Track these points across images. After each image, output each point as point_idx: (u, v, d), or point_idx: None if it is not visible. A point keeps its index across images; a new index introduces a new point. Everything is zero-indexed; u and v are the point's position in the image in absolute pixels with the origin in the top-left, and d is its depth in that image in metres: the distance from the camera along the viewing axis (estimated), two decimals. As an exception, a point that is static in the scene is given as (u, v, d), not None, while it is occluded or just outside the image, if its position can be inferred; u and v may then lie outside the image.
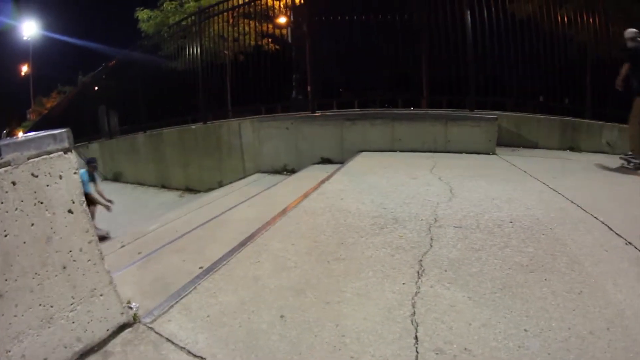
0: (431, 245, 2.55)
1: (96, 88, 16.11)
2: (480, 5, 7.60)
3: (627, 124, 5.77)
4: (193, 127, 9.61)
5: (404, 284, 2.07)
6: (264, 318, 1.83)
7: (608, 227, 2.86)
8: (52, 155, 1.48)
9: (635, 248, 2.52)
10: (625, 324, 1.75)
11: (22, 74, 47.73)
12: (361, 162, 5.69)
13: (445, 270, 2.21)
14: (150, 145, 11.00)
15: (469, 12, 7.53)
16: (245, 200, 4.73)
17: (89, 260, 1.61)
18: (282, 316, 1.84)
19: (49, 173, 1.46)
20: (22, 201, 1.40)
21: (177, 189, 9.48)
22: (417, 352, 1.53)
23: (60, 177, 1.50)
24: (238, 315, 1.87)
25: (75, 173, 1.55)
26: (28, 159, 1.40)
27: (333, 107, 9.48)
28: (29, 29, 45.54)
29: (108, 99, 14.39)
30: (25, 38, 46.04)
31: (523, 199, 3.60)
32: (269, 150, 7.19)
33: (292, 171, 6.69)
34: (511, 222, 3.01)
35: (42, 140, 1.45)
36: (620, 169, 5.21)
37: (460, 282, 2.09)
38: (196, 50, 10.14)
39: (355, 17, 8.82)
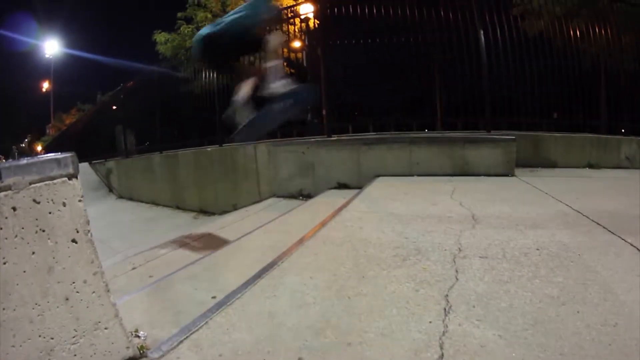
0: (457, 279, 2.42)
1: (114, 107, 16.68)
2: (493, 24, 7.62)
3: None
4: (209, 149, 9.65)
5: (430, 322, 1.93)
6: (280, 360, 1.71)
7: (638, 249, 2.75)
8: (55, 181, 1.40)
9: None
10: (665, 357, 1.61)
11: (43, 90, 49.21)
12: (379, 188, 5.59)
13: (474, 306, 2.07)
14: (165, 166, 11.11)
15: (482, 32, 7.54)
16: (261, 227, 4.63)
17: (94, 292, 1.51)
18: (300, 358, 1.71)
19: (52, 200, 1.38)
20: (22, 228, 1.31)
21: (192, 210, 9.49)
22: (448, 401, 1.39)
23: (64, 205, 1.42)
24: (252, 356, 1.74)
25: (80, 200, 1.46)
26: (30, 183, 1.32)
27: (348, 131, 9.49)
28: (51, 47, 47.07)
29: (125, 118, 14.81)
30: (47, 56, 47.51)
31: (548, 223, 3.48)
32: (284, 174, 7.15)
33: (308, 196, 6.61)
34: (538, 249, 2.88)
35: (44, 164, 1.37)
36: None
37: (489, 318, 1.96)
38: (212, 73, 10.24)
39: (369, 41, 8.90)
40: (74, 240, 1.43)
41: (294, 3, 15.33)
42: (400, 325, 1.93)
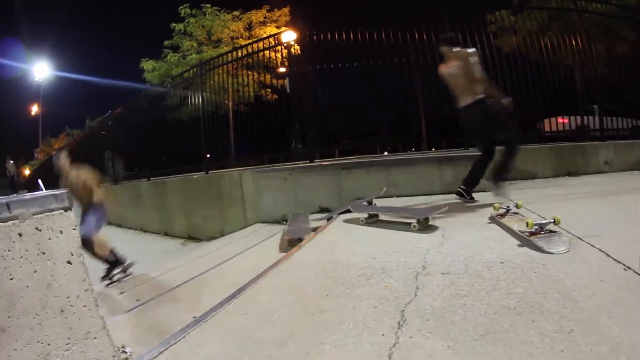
0: (416, 295, 2.58)
1: (102, 133, 16.74)
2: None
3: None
4: (195, 176, 9.78)
5: (383, 335, 2.11)
6: (247, 368, 1.92)
7: (605, 253, 2.85)
8: (53, 212, 1.65)
9: (635, 272, 2.48)
10: (619, 360, 1.70)
11: (32, 113, 48.89)
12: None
13: (427, 320, 2.23)
14: (153, 193, 11.19)
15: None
16: (243, 251, 4.88)
17: (85, 306, 1.74)
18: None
19: (51, 228, 1.63)
20: (26, 250, 1.56)
21: (180, 237, 9.55)
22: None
23: (61, 232, 1.67)
24: (222, 364, 1.96)
25: (74, 229, 1.71)
26: (33, 214, 1.57)
27: (334, 155, 9.66)
28: (41, 71, 46.92)
29: (114, 144, 14.89)
30: (36, 79, 47.34)
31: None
32: (268, 200, 7.30)
33: (292, 221, 6.75)
34: (502, 262, 2.99)
35: (45, 199, 1.63)
36: (614, 189, 5.36)
37: (441, 331, 2.11)
38: (198, 100, 10.53)
39: (347, 65, 9.16)
40: (69, 262, 1.68)
41: (277, 32, 15.73)
42: (354, 338, 2.12)
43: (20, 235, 1.53)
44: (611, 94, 8.68)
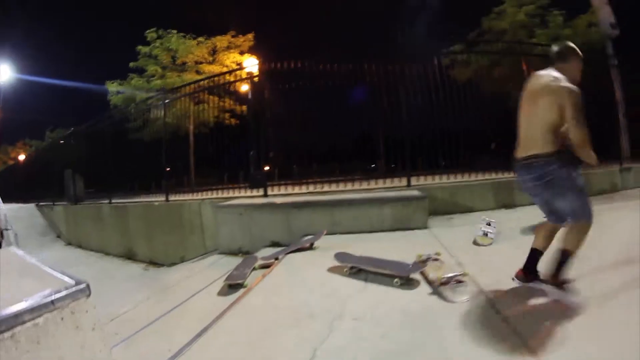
0: (328, 336, 3.31)
1: (64, 150, 16.82)
2: (413, 82, 9.06)
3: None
4: (156, 203, 10.34)
5: None
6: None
7: (493, 301, 3.55)
8: (80, 300, 2.49)
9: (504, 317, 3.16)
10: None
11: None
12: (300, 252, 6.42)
13: (332, 356, 3.01)
14: (115, 216, 11.57)
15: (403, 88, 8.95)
16: (204, 288, 5.60)
17: (101, 351, 2.60)
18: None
19: (80, 310, 2.48)
20: (67, 327, 2.40)
21: (142, 262, 10.01)
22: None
23: (87, 312, 2.52)
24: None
25: (94, 308, 2.57)
26: (69, 304, 2.42)
27: (291, 177, 10.59)
28: (1, 73, 45.16)
29: (75, 162, 14.98)
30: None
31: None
32: (225, 232, 8.03)
33: (247, 252, 7.45)
34: (403, 310, 3.62)
35: (75, 293, 2.45)
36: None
37: None
38: (160, 125, 11.20)
39: (300, 101, 10.07)
40: (93, 329, 2.53)
41: (240, 59, 16.42)
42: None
43: (62, 318, 2.36)
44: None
